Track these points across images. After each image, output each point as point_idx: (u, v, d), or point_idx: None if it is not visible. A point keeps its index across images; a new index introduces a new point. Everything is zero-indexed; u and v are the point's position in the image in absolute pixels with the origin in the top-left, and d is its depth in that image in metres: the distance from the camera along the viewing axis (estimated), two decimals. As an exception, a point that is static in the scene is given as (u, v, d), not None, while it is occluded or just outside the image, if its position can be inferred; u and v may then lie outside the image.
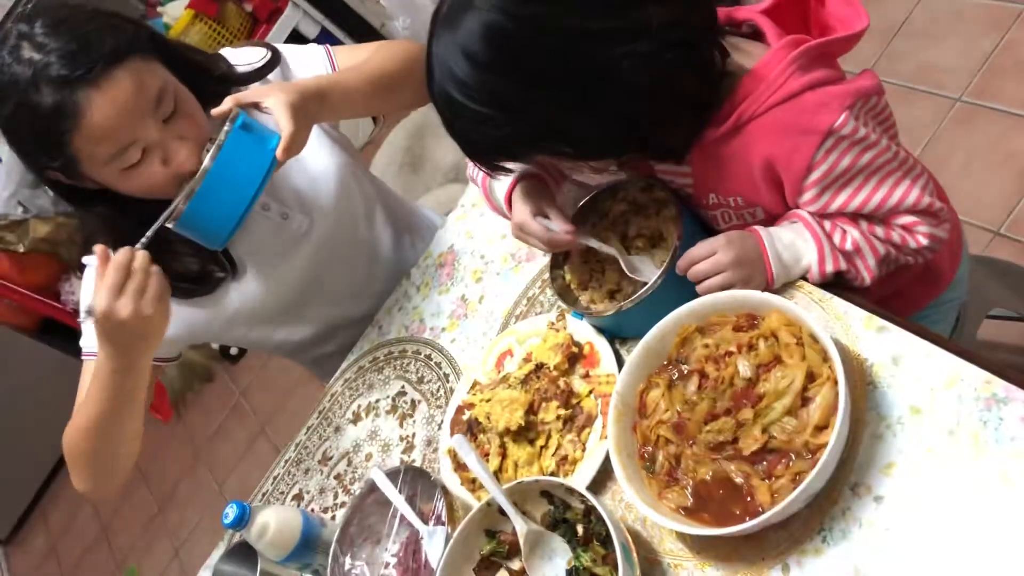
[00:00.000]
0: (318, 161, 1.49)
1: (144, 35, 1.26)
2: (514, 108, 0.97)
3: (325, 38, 3.37)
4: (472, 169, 1.29)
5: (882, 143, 0.98)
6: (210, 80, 1.37)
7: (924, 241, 1.05)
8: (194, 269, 1.41)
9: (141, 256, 1.17)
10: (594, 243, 1.16)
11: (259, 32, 3.28)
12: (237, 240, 1.41)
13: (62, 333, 3.81)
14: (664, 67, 0.95)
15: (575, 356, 1.18)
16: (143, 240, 1.20)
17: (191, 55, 1.39)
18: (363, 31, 3.47)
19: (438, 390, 1.38)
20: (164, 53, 1.28)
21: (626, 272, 1.14)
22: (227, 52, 1.50)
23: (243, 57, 1.47)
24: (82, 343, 1.44)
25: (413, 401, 1.40)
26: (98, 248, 1.17)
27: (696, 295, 1.04)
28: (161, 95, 1.23)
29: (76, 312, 3.54)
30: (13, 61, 1.18)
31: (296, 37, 3.33)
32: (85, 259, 1.39)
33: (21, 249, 3.41)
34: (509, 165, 1.10)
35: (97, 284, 1.15)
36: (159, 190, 1.30)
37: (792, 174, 1.00)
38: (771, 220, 1.10)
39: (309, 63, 1.49)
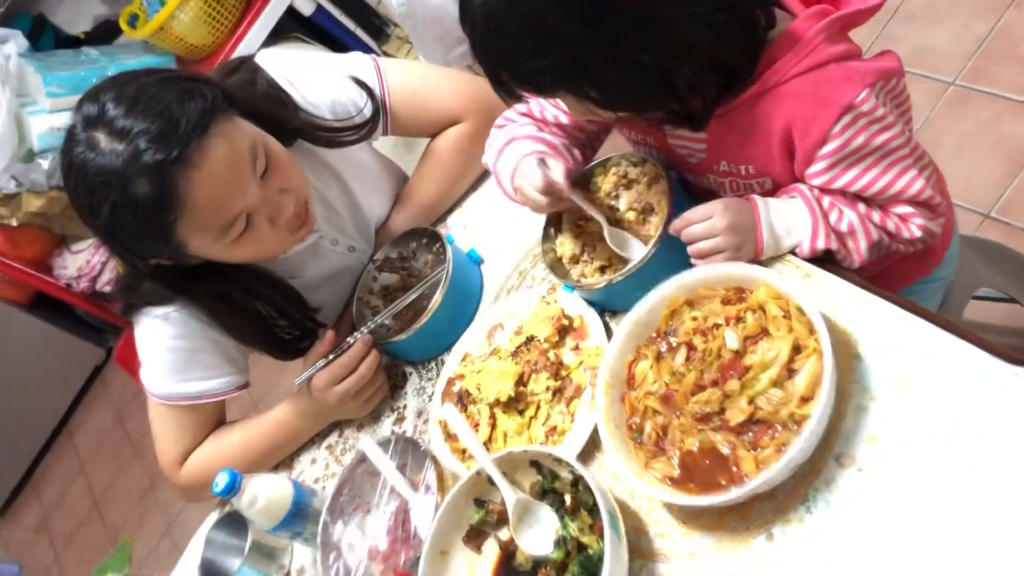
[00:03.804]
0: (380, 201, 1.51)
1: (218, 94, 1.16)
2: (556, 40, 0.94)
3: (320, 15, 3.35)
4: (484, 158, 1.28)
5: (897, 127, 0.99)
6: (286, 126, 1.30)
7: (918, 233, 1.06)
8: (293, 336, 1.44)
9: (372, 364, 1.32)
10: (584, 204, 1.15)
11: (254, 8, 3.26)
12: (315, 277, 1.46)
13: (55, 307, 3.81)
14: (712, 29, 0.94)
15: (565, 329, 1.19)
16: (365, 331, 1.33)
17: (260, 102, 1.28)
18: (359, 8, 3.45)
19: (429, 362, 1.39)
20: (238, 105, 1.20)
21: (608, 243, 1.15)
22: (285, 66, 1.38)
23: (315, 86, 1.38)
24: (153, 387, 1.41)
25: (404, 373, 1.41)
26: (328, 334, 1.33)
27: (684, 269, 1.05)
28: (254, 152, 1.17)
29: (69, 286, 3.54)
30: (96, 156, 1.09)
31: (292, 14, 3.30)
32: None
33: (14, 223, 3.39)
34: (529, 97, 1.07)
35: (329, 374, 1.31)
36: (269, 253, 1.29)
37: (807, 143, 1.01)
38: (776, 193, 1.10)
39: (358, 72, 1.44)
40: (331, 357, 1.31)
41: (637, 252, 1.14)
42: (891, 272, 1.22)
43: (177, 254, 1.20)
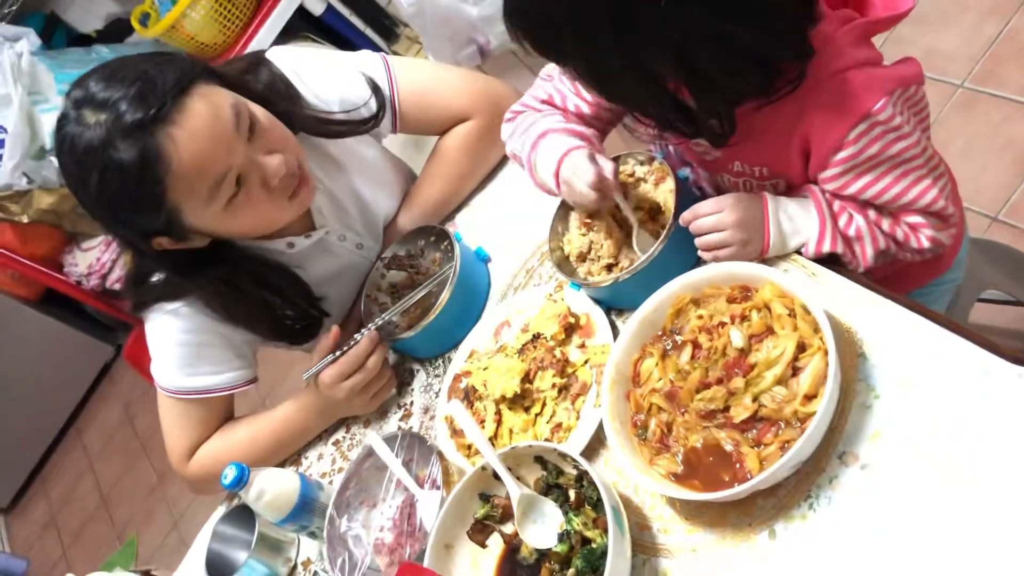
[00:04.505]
0: (388, 199, 1.52)
1: (200, 66, 1.20)
2: (572, 23, 0.92)
3: (331, 15, 3.37)
4: (510, 147, 1.27)
5: (913, 136, 0.99)
6: (274, 109, 1.29)
7: (926, 244, 1.06)
8: (300, 325, 1.45)
9: (379, 360, 1.33)
10: (623, 204, 1.15)
11: (265, 7, 3.28)
12: (323, 273, 1.46)
13: (65, 304, 3.83)
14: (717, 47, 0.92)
15: (572, 327, 1.20)
16: (374, 327, 1.33)
17: (260, 88, 1.32)
18: (369, 8, 3.47)
19: (436, 359, 1.40)
20: (222, 80, 1.23)
21: (634, 245, 1.15)
22: (291, 61, 1.39)
23: (323, 80, 1.39)
24: (162, 381, 1.43)
25: (412, 370, 1.42)
26: (334, 330, 1.33)
27: (691, 268, 1.06)
28: (237, 112, 1.18)
29: (79, 283, 3.57)
30: (82, 130, 1.12)
31: (302, 14, 3.32)
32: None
33: (25, 220, 3.41)
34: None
35: (337, 369, 1.31)
36: (268, 221, 1.29)
37: (822, 149, 1.01)
38: (790, 193, 1.10)
39: (367, 70, 1.44)
40: (338, 353, 1.32)
41: None
42: (900, 276, 1.22)
43: (174, 227, 1.20)
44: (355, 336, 1.33)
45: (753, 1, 0.90)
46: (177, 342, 1.39)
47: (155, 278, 1.37)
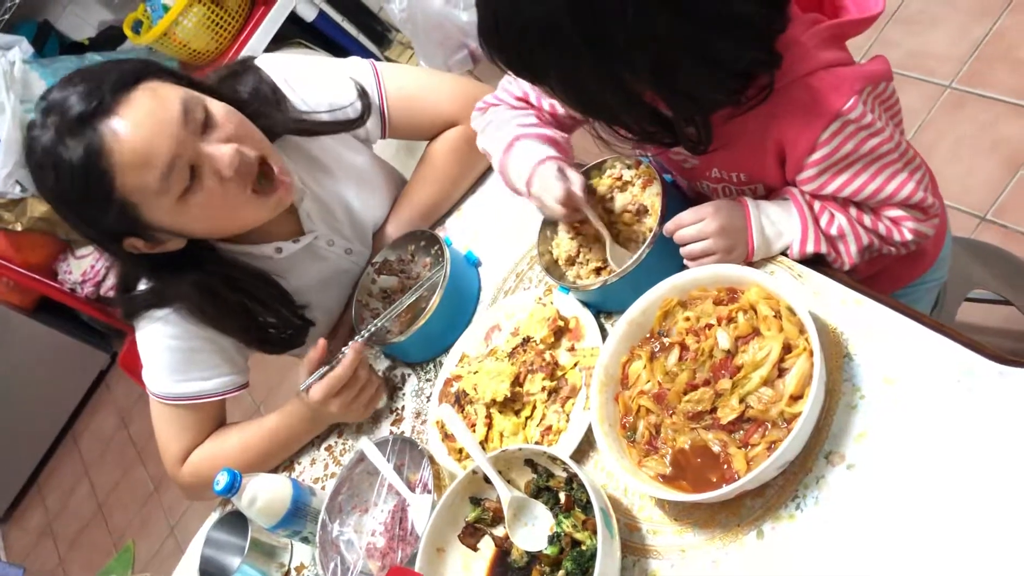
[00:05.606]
0: (378, 205, 1.53)
1: (155, 66, 1.22)
2: (549, 37, 0.92)
3: (322, 21, 3.37)
4: (483, 142, 1.28)
5: (886, 132, 1.00)
6: (259, 111, 1.31)
7: (909, 236, 1.07)
8: (284, 334, 1.46)
9: (367, 372, 1.35)
10: (594, 219, 1.15)
11: (257, 14, 3.29)
12: (312, 279, 1.47)
13: (59, 312, 3.83)
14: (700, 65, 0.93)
15: (561, 330, 1.21)
16: (365, 335, 1.34)
17: (220, 87, 1.32)
18: (361, 14, 3.47)
19: (427, 364, 1.40)
20: (187, 82, 1.24)
21: (608, 258, 1.16)
22: (288, 70, 1.41)
23: (313, 85, 1.41)
24: (154, 387, 1.43)
25: (403, 375, 1.43)
26: (320, 343, 1.33)
27: (678, 271, 1.06)
28: (186, 106, 1.18)
29: (73, 291, 3.57)
30: (40, 133, 1.16)
31: (294, 20, 3.33)
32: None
33: (19, 228, 3.42)
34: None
35: (327, 385, 1.31)
36: (235, 215, 1.28)
37: (796, 151, 1.02)
38: (770, 197, 1.11)
39: (356, 76, 1.45)
40: (326, 368, 1.32)
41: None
42: (884, 275, 1.23)
43: (137, 225, 1.21)
44: (342, 350, 1.33)
45: (720, 9, 0.91)
46: (167, 348, 1.39)
47: (143, 285, 1.37)
